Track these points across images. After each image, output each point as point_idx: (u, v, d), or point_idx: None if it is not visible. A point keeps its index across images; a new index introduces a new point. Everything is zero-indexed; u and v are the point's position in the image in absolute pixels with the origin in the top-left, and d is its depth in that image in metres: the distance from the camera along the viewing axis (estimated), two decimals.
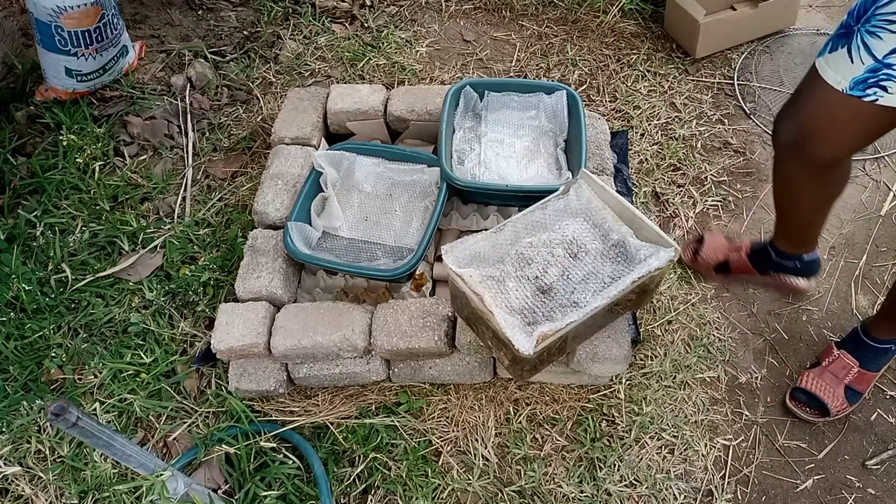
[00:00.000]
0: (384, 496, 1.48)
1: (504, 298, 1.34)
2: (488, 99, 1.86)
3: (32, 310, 1.74)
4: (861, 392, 1.55)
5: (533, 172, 1.78)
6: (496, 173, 1.76)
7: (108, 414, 1.59)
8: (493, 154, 1.80)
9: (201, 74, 2.27)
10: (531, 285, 1.36)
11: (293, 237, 1.60)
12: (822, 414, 1.54)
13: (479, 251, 1.40)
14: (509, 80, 1.91)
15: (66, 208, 1.94)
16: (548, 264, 1.39)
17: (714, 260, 1.73)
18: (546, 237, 1.42)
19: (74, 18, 1.98)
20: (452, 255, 1.37)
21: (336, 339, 1.48)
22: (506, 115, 1.86)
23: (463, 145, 1.82)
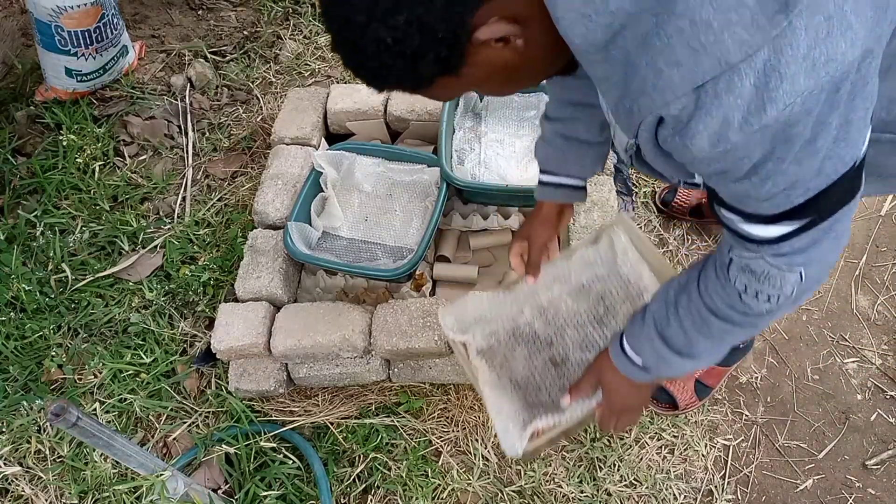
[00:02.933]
0: (384, 496, 1.48)
1: (508, 368, 1.20)
2: (488, 99, 1.86)
3: (32, 310, 1.74)
4: (710, 386, 1.55)
5: (533, 172, 1.77)
6: (496, 173, 1.76)
7: (108, 414, 1.59)
8: (494, 154, 1.80)
9: (201, 74, 2.27)
10: (543, 354, 1.21)
11: (293, 237, 1.60)
12: (672, 407, 1.55)
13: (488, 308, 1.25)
14: None
15: (66, 208, 1.94)
16: (566, 328, 1.22)
17: (688, 205, 1.79)
18: (569, 294, 1.25)
19: (74, 18, 1.98)
20: (452, 318, 1.23)
21: (336, 339, 1.48)
22: (506, 114, 1.86)
23: (463, 145, 1.82)
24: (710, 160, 0.64)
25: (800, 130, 0.61)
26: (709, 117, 0.59)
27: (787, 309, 0.86)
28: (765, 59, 0.56)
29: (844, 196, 0.70)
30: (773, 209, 0.70)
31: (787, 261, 0.75)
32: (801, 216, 0.70)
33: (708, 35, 0.56)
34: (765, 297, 0.80)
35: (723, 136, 0.60)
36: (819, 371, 1.66)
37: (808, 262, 0.76)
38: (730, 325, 0.88)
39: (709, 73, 0.57)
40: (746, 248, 0.77)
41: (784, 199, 0.68)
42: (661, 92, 0.61)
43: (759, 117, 0.58)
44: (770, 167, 0.64)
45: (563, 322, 1.25)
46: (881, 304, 1.76)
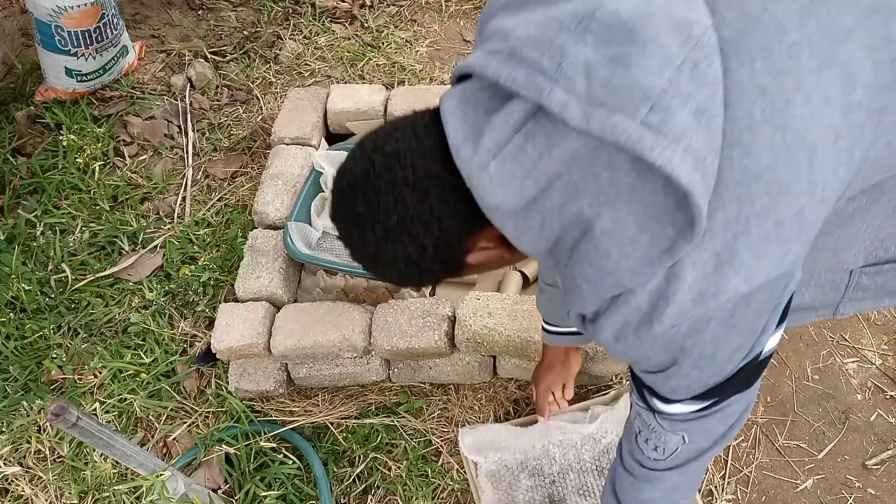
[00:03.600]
0: (384, 496, 1.48)
1: (510, 496, 1.32)
2: None
3: (32, 310, 1.74)
4: None
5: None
6: None
7: (108, 414, 1.59)
8: None
9: (201, 74, 2.27)
10: (544, 490, 1.33)
11: (293, 237, 1.60)
12: None
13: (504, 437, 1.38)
14: None
15: (66, 208, 1.94)
16: (569, 471, 1.35)
17: None
18: (579, 440, 1.38)
19: (74, 18, 1.98)
20: (470, 439, 1.36)
21: (336, 339, 1.48)
22: None
23: None
24: (615, 351, 0.71)
25: (691, 344, 0.67)
26: (610, 320, 0.67)
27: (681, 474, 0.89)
28: (656, 285, 0.62)
29: (740, 386, 0.76)
30: (673, 396, 0.77)
31: (671, 426, 0.82)
32: (698, 401, 0.76)
33: (608, 262, 0.62)
34: (652, 447, 0.87)
35: (622, 336, 0.67)
36: (819, 371, 1.66)
37: (691, 432, 0.82)
38: (633, 479, 0.93)
39: (610, 291, 0.65)
40: (642, 400, 0.84)
41: (685, 392, 0.75)
42: (580, 297, 0.68)
43: (649, 329, 0.65)
44: (672, 370, 0.71)
45: (568, 465, 1.37)
46: None
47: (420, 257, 0.70)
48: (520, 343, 1.43)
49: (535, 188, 0.62)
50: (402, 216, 0.67)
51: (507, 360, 1.55)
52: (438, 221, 0.68)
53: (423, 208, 0.67)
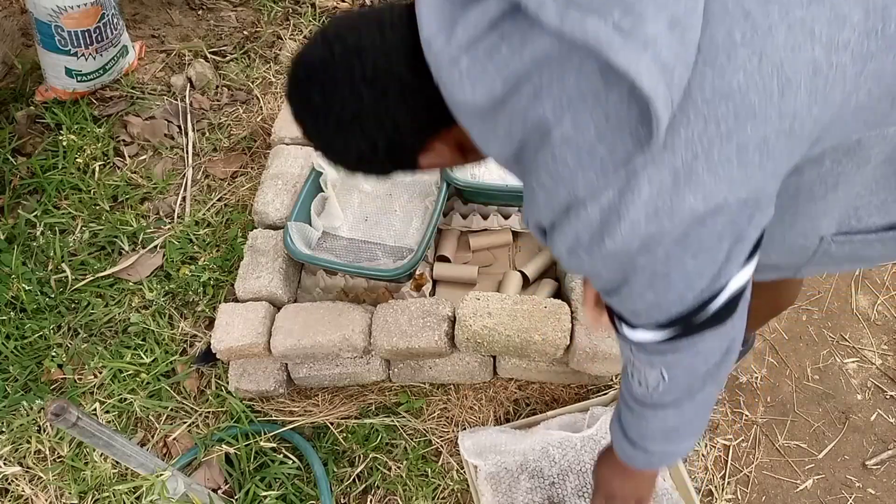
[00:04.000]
0: (384, 496, 1.48)
1: (510, 498, 1.33)
2: None
3: (32, 310, 1.74)
4: None
5: None
6: (496, 173, 1.76)
7: (108, 414, 1.59)
8: None
9: (201, 74, 2.27)
10: (544, 492, 1.34)
11: (293, 237, 1.60)
12: None
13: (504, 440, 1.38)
14: None
15: (66, 208, 1.94)
16: (569, 473, 1.35)
17: None
18: (580, 440, 1.39)
19: (74, 18, 1.98)
20: (470, 442, 1.38)
21: (336, 339, 1.48)
22: None
23: None
24: (570, 267, 0.70)
25: (644, 263, 0.65)
26: (563, 234, 0.66)
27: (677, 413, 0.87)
28: (609, 199, 0.61)
29: (714, 319, 0.74)
30: (639, 321, 0.75)
31: (647, 359, 0.80)
32: (662, 329, 0.74)
33: (565, 170, 0.62)
34: (637, 382, 0.85)
35: (574, 252, 0.67)
36: (819, 371, 1.66)
37: (669, 366, 0.80)
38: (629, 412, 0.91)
39: (563, 201, 0.64)
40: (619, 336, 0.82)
41: (647, 317, 0.74)
42: (535, 206, 0.68)
43: (600, 246, 0.64)
44: (626, 290, 0.70)
45: (567, 466, 1.37)
46: (881, 304, 1.76)
47: (371, 154, 0.71)
48: (520, 343, 1.43)
49: (503, 88, 0.62)
50: (356, 112, 0.68)
51: (507, 360, 1.55)
52: (394, 122, 0.68)
53: (379, 107, 0.67)
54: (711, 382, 0.84)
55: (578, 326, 1.45)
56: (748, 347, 1.58)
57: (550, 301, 1.49)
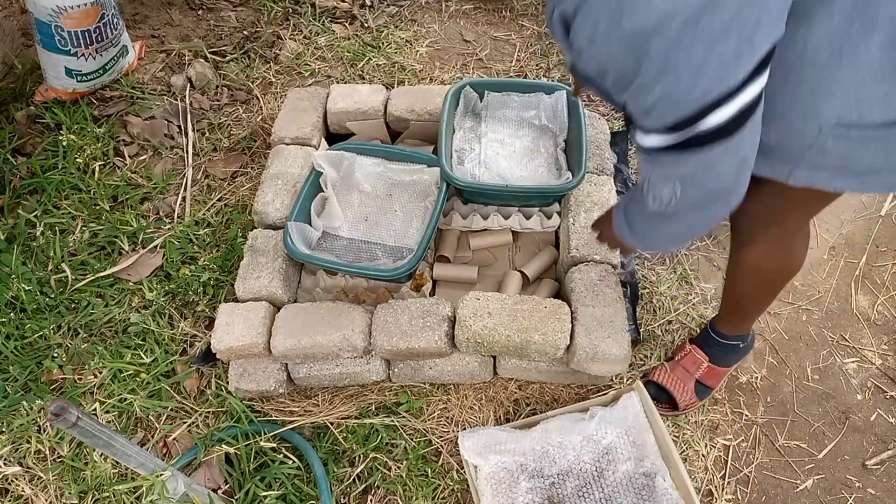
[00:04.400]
0: (384, 496, 1.48)
1: (510, 498, 1.33)
2: (488, 99, 1.86)
3: (32, 310, 1.74)
4: (711, 387, 1.56)
5: (532, 171, 1.78)
6: (496, 173, 1.76)
7: (108, 414, 1.59)
8: (493, 154, 1.80)
9: (201, 74, 2.27)
10: (544, 493, 1.34)
11: (293, 237, 1.60)
12: (672, 408, 1.55)
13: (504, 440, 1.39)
14: (509, 81, 1.91)
15: (66, 208, 1.94)
16: (569, 474, 1.35)
17: None
18: (579, 440, 1.39)
19: (74, 18, 1.98)
20: (471, 442, 1.38)
21: (336, 339, 1.48)
22: (506, 114, 1.87)
23: (463, 145, 1.82)
24: (589, 58, 0.74)
25: (655, 47, 0.68)
26: (583, 19, 0.70)
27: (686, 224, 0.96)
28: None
29: (722, 130, 0.76)
30: (650, 124, 0.79)
31: (661, 172, 0.86)
32: (671, 133, 0.78)
33: None
34: (651, 197, 0.91)
35: (593, 38, 0.71)
36: (819, 371, 1.66)
37: (681, 179, 0.85)
38: (642, 214, 1.00)
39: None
40: (638, 149, 0.88)
41: (657, 117, 0.77)
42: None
43: (617, 26, 0.67)
44: (638, 82, 0.73)
45: (567, 466, 1.37)
46: (881, 304, 1.76)
47: None
48: (520, 343, 1.43)
49: None
50: None
51: (507, 360, 1.55)
52: None
53: None
54: (723, 204, 0.88)
55: (578, 326, 1.45)
56: (748, 347, 1.58)
57: (550, 301, 1.49)
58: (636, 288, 1.70)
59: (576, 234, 1.61)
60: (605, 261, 1.57)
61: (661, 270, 1.80)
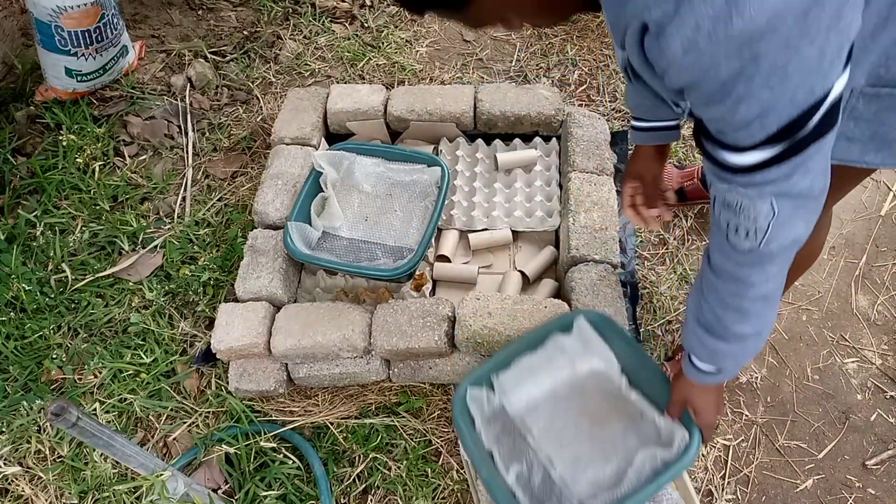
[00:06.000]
0: (384, 496, 1.48)
1: None
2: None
3: (32, 310, 1.74)
4: None
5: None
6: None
7: (108, 414, 1.59)
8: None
9: (201, 74, 2.27)
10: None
11: (293, 237, 1.60)
12: None
13: None
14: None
15: (66, 208, 1.94)
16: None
17: (670, 187, 1.81)
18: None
19: (74, 18, 1.98)
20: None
21: (336, 339, 1.48)
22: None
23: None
24: (681, 68, 0.69)
25: (765, 48, 0.65)
26: (682, 22, 0.64)
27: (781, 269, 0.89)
28: None
29: (818, 130, 0.73)
30: (749, 139, 0.74)
31: (757, 190, 0.79)
32: (773, 144, 0.74)
33: None
34: (744, 233, 0.84)
35: (693, 43, 0.65)
36: (819, 371, 1.66)
37: (779, 194, 0.80)
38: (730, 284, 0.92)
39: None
40: (721, 178, 0.81)
41: (758, 128, 0.72)
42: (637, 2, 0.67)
43: (726, 27, 0.63)
44: (741, 89, 0.68)
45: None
46: (881, 304, 1.76)
47: None
48: None
49: None
50: None
51: None
52: None
53: None
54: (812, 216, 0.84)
55: None
56: None
57: (550, 301, 1.49)
58: (636, 288, 1.70)
59: (576, 234, 1.61)
60: (605, 260, 1.57)
61: (661, 270, 1.80)
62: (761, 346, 1.01)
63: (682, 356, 1.09)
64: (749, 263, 0.89)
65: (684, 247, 1.84)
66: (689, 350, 1.06)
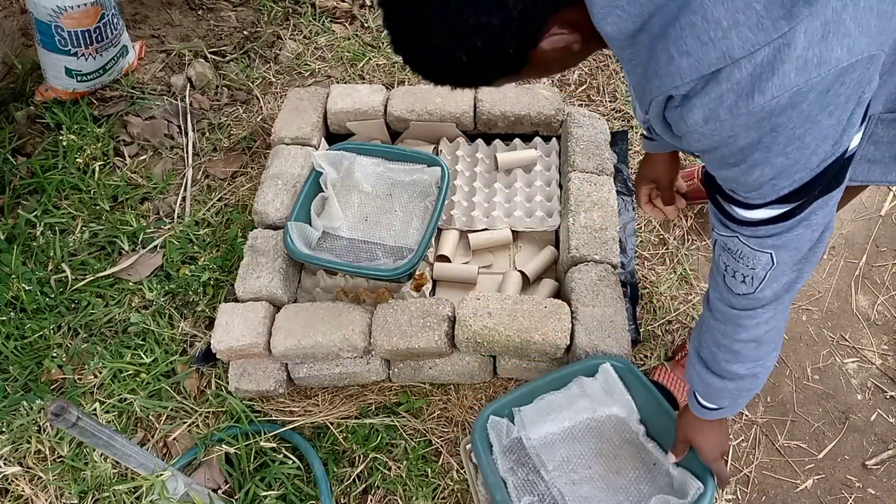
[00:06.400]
0: (384, 496, 1.48)
1: None
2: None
3: (32, 310, 1.74)
4: None
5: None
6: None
7: (108, 414, 1.59)
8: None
9: (201, 74, 2.27)
10: None
11: (293, 237, 1.60)
12: (672, 407, 1.54)
13: None
14: None
15: (66, 208, 1.94)
16: None
17: None
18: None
19: (74, 18, 1.98)
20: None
21: (336, 339, 1.48)
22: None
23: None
24: (701, 135, 0.70)
25: (784, 122, 0.66)
26: (705, 98, 0.66)
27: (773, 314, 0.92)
28: (763, 56, 0.62)
29: (826, 189, 0.76)
30: (760, 199, 0.76)
31: (759, 242, 0.82)
32: (783, 204, 0.76)
33: (717, 32, 0.62)
34: (741, 278, 0.88)
35: (714, 114, 0.67)
36: (819, 371, 1.66)
37: (779, 247, 0.82)
38: (722, 324, 0.95)
39: (714, 64, 0.64)
40: (726, 226, 0.85)
41: (770, 190, 0.74)
42: (671, 76, 0.67)
43: (748, 103, 0.64)
44: (758, 156, 0.70)
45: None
46: (881, 304, 1.76)
47: (502, 30, 0.66)
48: (520, 343, 1.43)
49: None
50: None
51: (507, 360, 1.55)
52: None
53: None
54: (808, 266, 0.86)
55: (578, 326, 1.45)
56: None
57: (550, 301, 1.49)
58: (636, 288, 1.70)
59: (576, 233, 1.61)
60: (605, 260, 1.57)
61: (661, 270, 1.80)
62: (759, 386, 1.03)
63: (688, 392, 1.12)
64: (742, 307, 0.92)
65: (684, 247, 1.84)
66: (690, 383, 1.09)
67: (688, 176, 1.85)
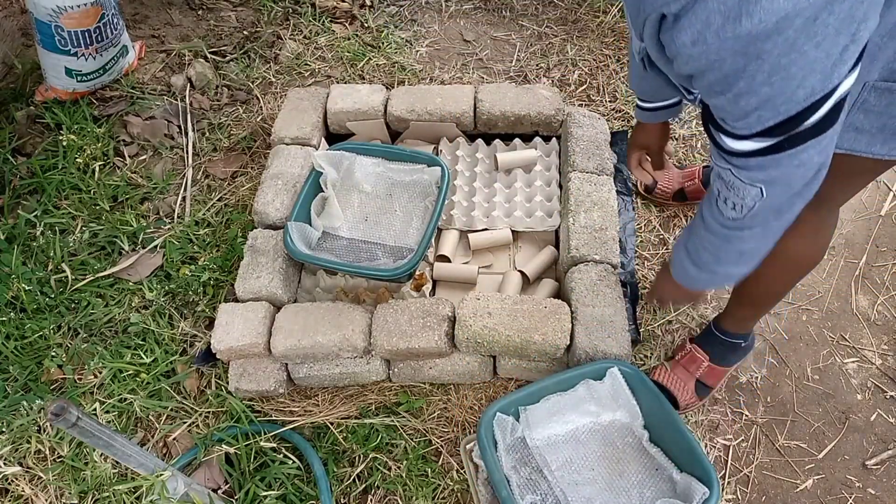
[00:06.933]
0: (384, 496, 1.48)
1: None
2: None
3: (32, 310, 1.74)
4: (711, 386, 1.55)
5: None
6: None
7: (108, 414, 1.59)
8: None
9: (201, 74, 2.27)
10: None
11: (293, 237, 1.60)
12: (672, 407, 1.54)
13: None
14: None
15: (66, 208, 1.94)
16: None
17: (671, 189, 1.86)
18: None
19: (74, 18, 1.98)
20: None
21: (336, 339, 1.48)
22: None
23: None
24: (689, 57, 0.72)
25: (770, 48, 0.67)
26: (694, 16, 0.67)
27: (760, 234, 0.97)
28: None
29: (817, 127, 0.76)
30: (746, 129, 0.78)
31: (748, 175, 0.85)
32: (769, 136, 0.77)
33: None
34: (731, 205, 0.92)
35: (701, 36, 0.68)
36: (819, 371, 1.66)
37: (769, 182, 0.85)
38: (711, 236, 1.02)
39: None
40: (721, 157, 0.87)
41: (756, 121, 0.76)
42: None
43: (735, 26, 0.65)
44: (743, 84, 0.71)
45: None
46: (881, 304, 1.76)
47: None
48: (520, 343, 1.43)
49: None
50: None
51: (507, 360, 1.55)
52: None
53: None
54: (801, 202, 0.89)
55: (578, 326, 1.45)
56: (749, 347, 1.57)
57: (550, 301, 1.49)
58: (636, 288, 1.70)
59: (576, 233, 1.61)
60: (605, 260, 1.57)
61: None
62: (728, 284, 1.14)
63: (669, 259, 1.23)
64: (730, 227, 0.97)
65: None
66: (673, 255, 1.20)
67: (688, 176, 1.85)
